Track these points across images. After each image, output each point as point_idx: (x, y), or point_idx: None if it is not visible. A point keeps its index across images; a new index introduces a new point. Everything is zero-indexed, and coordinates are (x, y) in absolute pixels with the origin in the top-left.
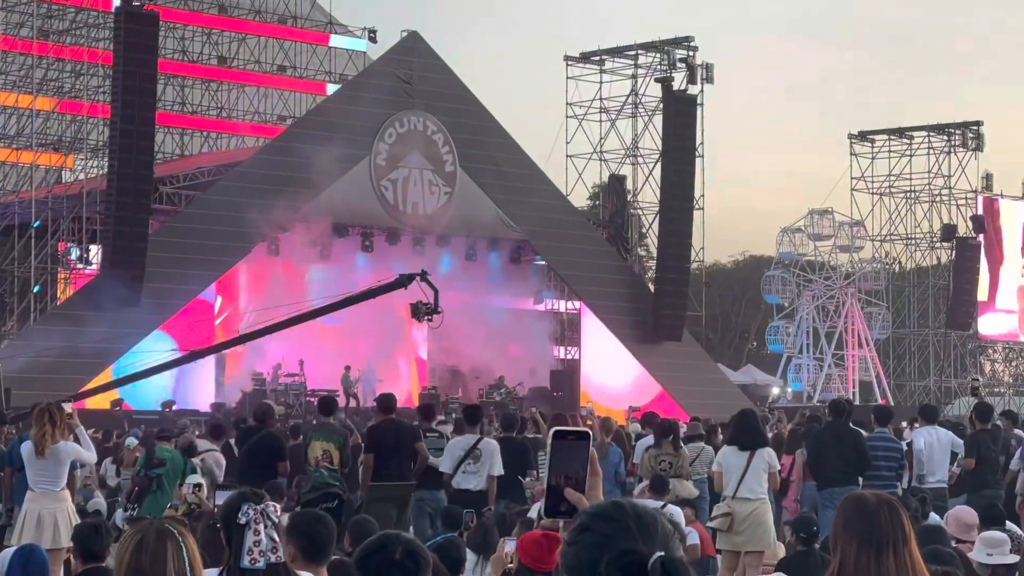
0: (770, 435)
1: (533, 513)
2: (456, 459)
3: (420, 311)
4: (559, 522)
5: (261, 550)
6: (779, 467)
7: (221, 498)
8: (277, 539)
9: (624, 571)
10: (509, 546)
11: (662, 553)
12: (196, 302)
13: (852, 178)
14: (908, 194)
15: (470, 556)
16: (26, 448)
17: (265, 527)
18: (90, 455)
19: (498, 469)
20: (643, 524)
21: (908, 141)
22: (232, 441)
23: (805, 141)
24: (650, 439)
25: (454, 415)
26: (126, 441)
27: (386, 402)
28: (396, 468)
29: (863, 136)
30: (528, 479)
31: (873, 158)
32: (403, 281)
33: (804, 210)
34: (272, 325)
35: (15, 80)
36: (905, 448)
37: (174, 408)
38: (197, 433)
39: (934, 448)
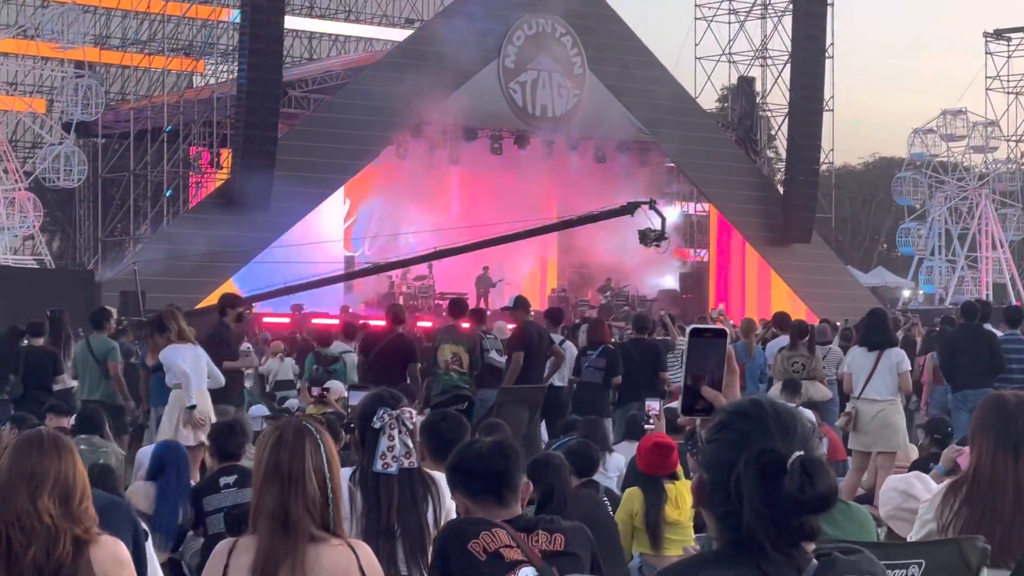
0: (902, 337)
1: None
2: None
3: (649, 237)
4: (696, 420)
5: (395, 455)
6: (909, 368)
7: (355, 398)
8: (411, 445)
9: (763, 470)
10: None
11: (801, 452)
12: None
13: (987, 77)
14: None
15: None
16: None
17: (399, 432)
18: (220, 376)
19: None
20: (782, 422)
21: None
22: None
23: (938, 41)
24: (782, 340)
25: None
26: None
27: (525, 303)
28: (535, 370)
29: (999, 34)
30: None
31: (1009, 56)
32: (629, 208)
33: (936, 111)
34: (470, 244)
35: None
36: None
37: (303, 312)
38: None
39: None
